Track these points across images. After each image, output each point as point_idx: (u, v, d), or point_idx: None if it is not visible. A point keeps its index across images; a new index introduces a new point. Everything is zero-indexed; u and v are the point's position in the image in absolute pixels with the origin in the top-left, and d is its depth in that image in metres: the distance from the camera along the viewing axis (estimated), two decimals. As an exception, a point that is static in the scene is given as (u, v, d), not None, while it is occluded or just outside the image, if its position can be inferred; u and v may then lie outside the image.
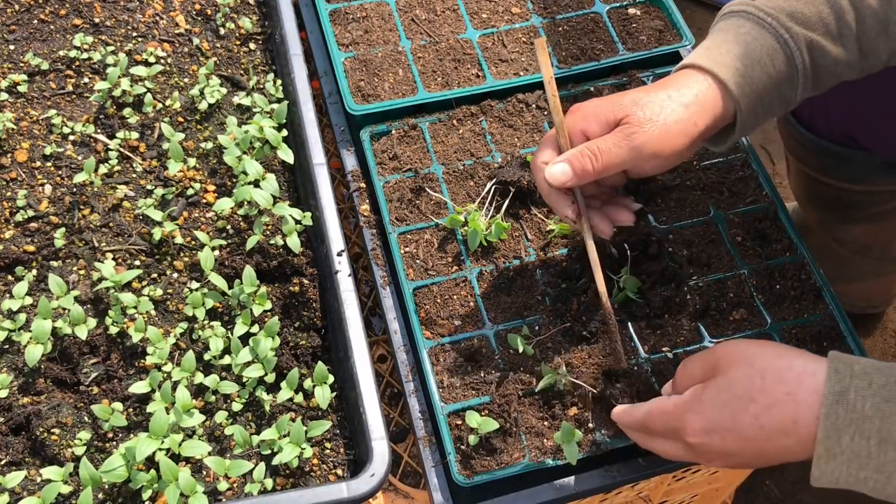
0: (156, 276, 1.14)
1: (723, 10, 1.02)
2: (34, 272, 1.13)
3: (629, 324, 1.10)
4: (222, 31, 1.37)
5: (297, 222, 1.13)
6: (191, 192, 1.21)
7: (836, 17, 0.96)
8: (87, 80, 1.31)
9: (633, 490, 1.10)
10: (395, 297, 1.15)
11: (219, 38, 1.37)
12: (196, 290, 1.12)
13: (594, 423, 1.01)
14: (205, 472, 1.02)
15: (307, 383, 1.06)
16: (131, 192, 1.21)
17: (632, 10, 1.40)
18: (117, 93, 1.26)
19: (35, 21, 1.35)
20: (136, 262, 1.15)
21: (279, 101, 1.29)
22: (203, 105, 1.27)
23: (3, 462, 1.01)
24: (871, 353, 1.97)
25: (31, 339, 1.04)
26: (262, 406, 1.05)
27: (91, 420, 1.04)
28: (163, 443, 0.96)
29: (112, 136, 1.25)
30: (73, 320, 1.05)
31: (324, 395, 1.04)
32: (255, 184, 1.16)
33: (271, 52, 1.37)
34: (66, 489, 0.97)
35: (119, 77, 1.26)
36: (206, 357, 1.07)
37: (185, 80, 1.32)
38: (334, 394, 1.05)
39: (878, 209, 1.46)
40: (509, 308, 1.11)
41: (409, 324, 1.11)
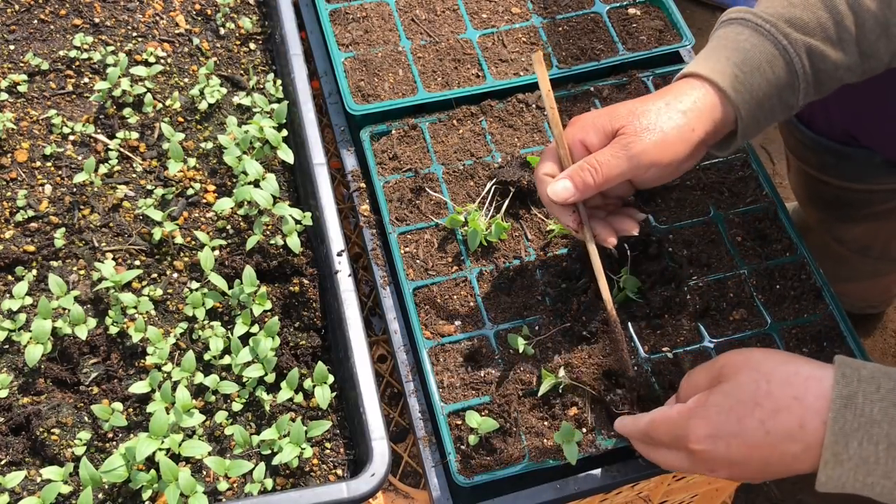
0: (156, 276, 1.14)
1: (722, 17, 1.02)
2: (34, 272, 1.13)
3: (629, 324, 1.10)
4: (222, 31, 1.37)
5: (297, 222, 1.13)
6: (191, 192, 1.21)
7: (835, 22, 0.96)
8: (87, 80, 1.31)
9: (633, 490, 1.10)
10: (395, 297, 1.15)
11: (219, 38, 1.37)
12: (196, 290, 1.12)
13: (594, 423, 1.01)
14: (205, 472, 1.02)
15: (307, 383, 1.06)
16: (131, 192, 1.21)
17: (632, 10, 1.40)
18: (117, 93, 1.26)
19: (35, 21, 1.35)
20: (136, 262, 1.15)
21: (279, 101, 1.29)
22: (203, 105, 1.27)
23: (3, 462, 1.01)
24: (871, 353, 1.97)
25: (31, 339, 1.04)
26: (262, 406, 1.06)
27: (91, 420, 1.04)
28: (163, 443, 0.96)
29: (112, 136, 1.25)
30: (73, 320, 1.06)
31: (324, 395, 1.04)
32: (255, 184, 1.16)
33: (271, 52, 1.37)
34: (66, 489, 0.97)
35: (119, 77, 1.26)
36: (206, 357, 1.07)
37: (185, 80, 1.32)
38: (334, 394, 1.05)
39: (877, 208, 1.46)
40: (509, 308, 1.11)
41: (409, 324, 1.11)
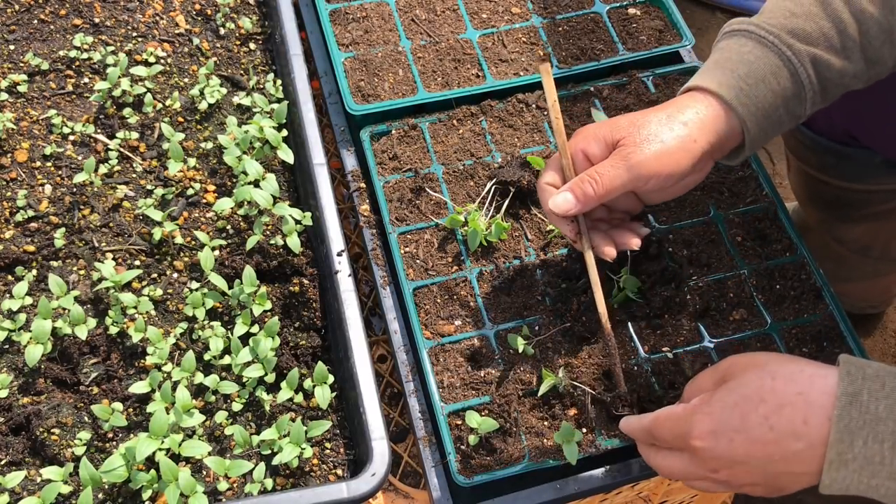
0: (156, 276, 1.14)
1: (725, 27, 1.02)
2: (34, 272, 1.13)
3: (629, 324, 1.10)
4: (222, 31, 1.37)
5: (297, 222, 1.13)
6: (191, 192, 1.21)
7: (839, 31, 0.96)
8: (87, 80, 1.31)
9: (633, 490, 1.10)
10: (395, 297, 1.15)
11: (219, 38, 1.37)
12: (196, 290, 1.12)
13: (594, 423, 1.01)
14: (205, 472, 1.02)
15: (307, 383, 1.06)
16: (131, 192, 1.21)
17: (632, 10, 1.40)
18: (117, 93, 1.26)
19: (35, 21, 1.35)
20: (136, 262, 1.15)
21: (279, 101, 1.29)
22: (203, 105, 1.27)
23: (3, 462, 1.01)
24: (871, 353, 1.97)
25: (31, 339, 1.04)
26: (262, 406, 1.06)
27: (91, 420, 1.04)
28: (163, 443, 0.96)
29: (112, 136, 1.25)
30: (73, 320, 1.06)
31: (324, 395, 1.04)
32: (255, 184, 1.16)
33: (271, 52, 1.37)
34: (66, 489, 0.97)
35: (119, 77, 1.26)
36: (206, 357, 1.07)
37: (185, 80, 1.32)
38: (334, 394, 1.05)
39: (877, 208, 1.46)
40: (509, 308, 1.11)
41: (409, 324, 1.11)
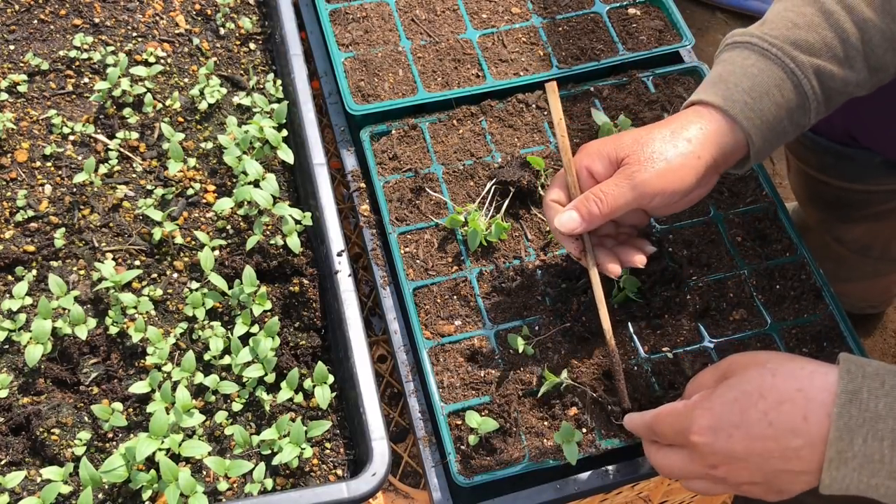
0: (156, 276, 1.14)
1: (726, 38, 1.02)
2: (34, 272, 1.13)
3: (629, 324, 1.10)
4: (222, 31, 1.37)
5: (297, 222, 1.13)
6: (191, 192, 1.21)
7: (841, 41, 0.96)
8: (87, 80, 1.31)
9: (633, 490, 1.10)
10: (395, 297, 1.15)
11: (219, 38, 1.37)
12: (196, 290, 1.12)
13: (594, 423, 1.01)
14: (205, 472, 1.02)
15: (307, 383, 1.06)
16: (131, 192, 1.21)
17: (632, 10, 1.40)
18: (117, 93, 1.26)
19: (35, 21, 1.35)
20: (136, 262, 1.15)
21: (279, 101, 1.29)
22: (203, 105, 1.27)
23: (3, 462, 1.01)
24: (871, 353, 1.97)
25: (31, 339, 1.04)
26: (262, 406, 1.06)
27: (91, 420, 1.04)
28: (163, 443, 0.96)
29: (112, 136, 1.25)
30: (73, 320, 1.06)
31: (324, 395, 1.04)
32: (255, 184, 1.16)
33: (271, 52, 1.37)
34: (66, 489, 0.97)
35: (119, 77, 1.26)
36: (206, 357, 1.07)
37: (185, 80, 1.32)
38: (334, 394, 1.05)
39: (877, 208, 1.46)
40: (509, 308, 1.11)
41: (409, 324, 1.11)
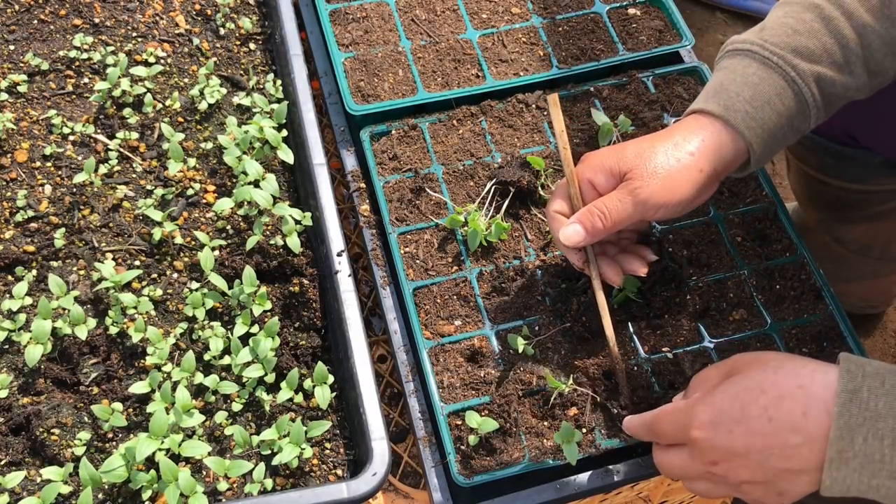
0: (156, 276, 1.14)
1: (726, 45, 1.02)
2: (34, 272, 1.13)
3: (629, 324, 1.10)
4: (222, 31, 1.37)
5: (297, 222, 1.13)
6: (191, 192, 1.21)
7: (841, 46, 0.96)
8: (87, 80, 1.31)
9: (633, 490, 1.10)
10: (395, 297, 1.15)
11: (219, 38, 1.37)
12: (196, 290, 1.12)
13: (594, 423, 1.01)
14: (205, 472, 1.02)
15: (307, 383, 1.06)
16: (131, 192, 1.21)
17: (632, 10, 1.40)
18: (117, 93, 1.26)
19: (35, 21, 1.35)
20: (136, 262, 1.15)
21: (279, 101, 1.29)
22: (203, 105, 1.27)
23: (3, 462, 1.01)
24: (871, 354, 1.97)
25: (31, 339, 1.04)
26: (262, 406, 1.06)
27: (91, 420, 1.04)
28: (163, 443, 0.96)
29: (112, 136, 1.25)
30: (73, 320, 1.06)
31: (324, 396, 1.04)
32: (255, 184, 1.16)
33: (271, 52, 1.37)
34: (66, 489, 0.97)
35: (119, 77, 1.26)
36: (206, 357, 1.07)
37: (185, 80, 1.32)
38: (334, 394, 1.05)
39: (877, 208, 1.46)
40: (509, 308, 1.11)
41: (409, 324, 1.11)
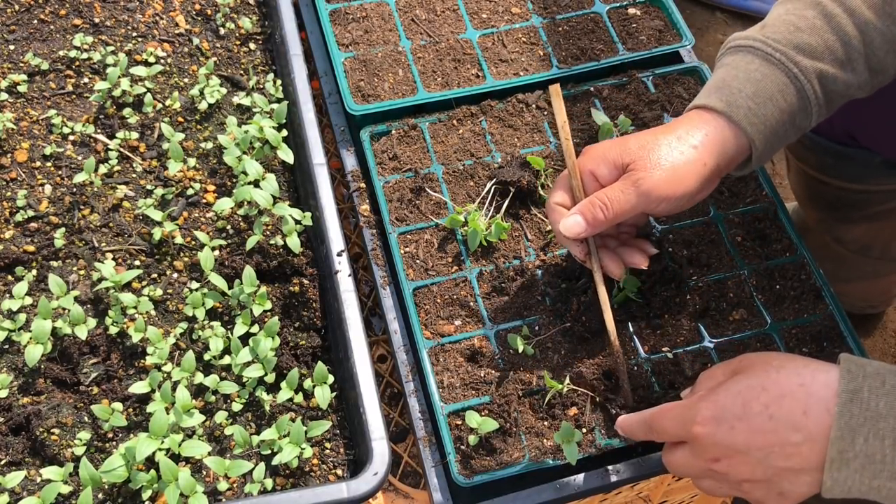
0: (156, 276, 1.14)
1: (728, 41, 1.02)
2: (34, 272, 1.13)
3: (629, 324, 1.10)
4: (222, 31, 1.37)
5: (297, 222, 1.13)
6: (191, 192, 1.21)
7: (843, 44, 0.96)
8: (87, 80, 1.30)
9: (633, 490, 1.10)
10: (395, 297, 1.15)
11: (219, 38, 1.37)
12: (196, 290, 1.12)
13: (594, 423, 1.01)
14: (205, 472, 1.02)
15: (307, 383, 1.06)
16: (131, 192, 1.21)
17: (632, 10, 1.40)
18: (117, 93, 1.26)
19: (35, 21, 1.35)
20: (136, 262, 1.15)
21: (279, 101, 1.29)
22: (203, 105, 1.27)
23: (3, 462, 1.01)
24: (871, 354, 1.97)
25: (31, 339, 1.04)
26: (262, 406, 1.06)
27: (91, 420, 1.04)
28: (163, 443, 0.96)
29: (112, 136, 1.25)
30: (73, 320, 1.05)
31: (324, 395, 1.04)
32: (255, 184, 1.16)
33: (271, 52, 1.37)
34: (66, 489, 0.97)
35: (119, 77, 1.26)
36: (206, 357, 1.07)
37: (185, 80, 1.32)
38: (334, 394, 1.05)
39: (877, 208, 1.46)
40: (509, 308, 1.11)
41: (409, 324, 1.11)
